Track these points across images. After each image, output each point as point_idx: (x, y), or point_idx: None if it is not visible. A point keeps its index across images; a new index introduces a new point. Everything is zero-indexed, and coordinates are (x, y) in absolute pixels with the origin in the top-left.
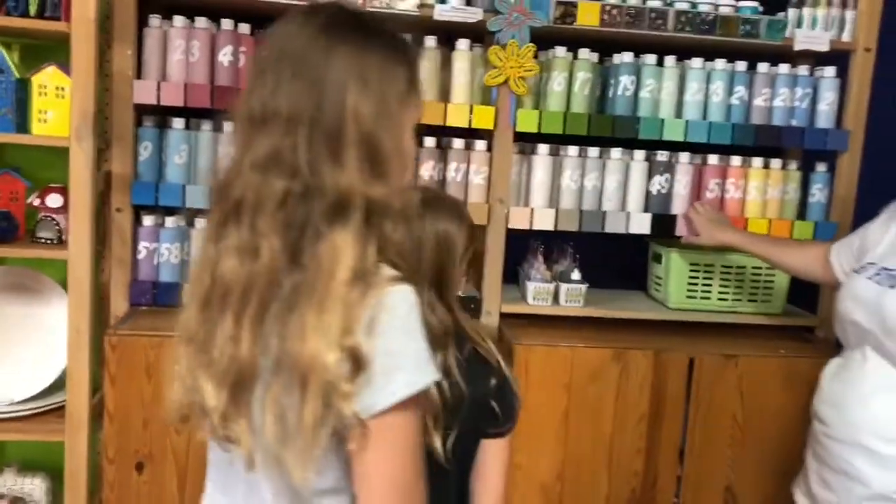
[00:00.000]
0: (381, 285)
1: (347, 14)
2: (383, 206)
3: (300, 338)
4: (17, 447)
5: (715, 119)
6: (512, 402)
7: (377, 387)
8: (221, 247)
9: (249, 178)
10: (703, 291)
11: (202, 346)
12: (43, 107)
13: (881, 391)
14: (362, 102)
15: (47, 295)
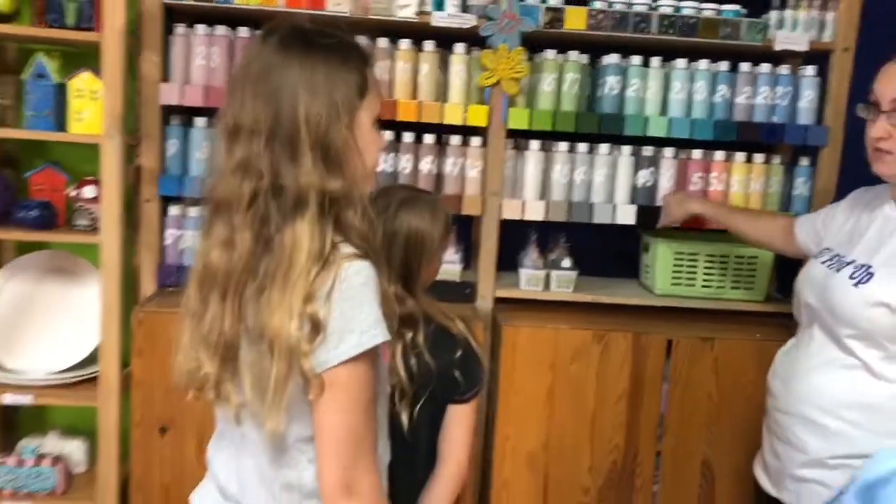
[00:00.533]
0: (339, 261)
1: (297, 32)
2: (341, 197)
3: (268, 312)
4: (60, 413)
5: (698, 116)
6: (475, 372)
7: (331, 346)
8: (209, 239)
9: (227, 182)
10: (687, 279)
11: (199, 322)
12: (79, 108)
13: (822, 366)
14: (312, 109)
15: (84, 276)
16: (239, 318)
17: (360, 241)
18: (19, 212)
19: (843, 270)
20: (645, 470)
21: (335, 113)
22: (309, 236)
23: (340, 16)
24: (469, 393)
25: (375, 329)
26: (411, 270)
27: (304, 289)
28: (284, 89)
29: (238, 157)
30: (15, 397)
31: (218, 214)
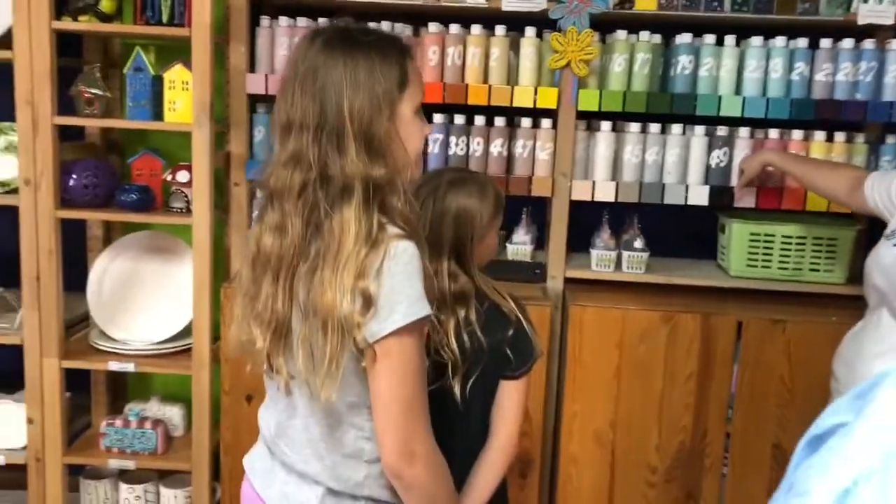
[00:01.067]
0: (387, 240)
1: (340, 32)
2: (385, 183)
3: (321, 290)
4: (162, 380)
5: (774, 95)
6: (525, 350)
7: (381, 318)
8: (263, 225)
9: (280, 173)
10: (763, 260)
11: (252, 300)
12: (172, 98)
13: (889, 352)
14: (356, 103)
15: (181, 255)
16: (291, 298)
17: (404, 224)
18: (121, 195)
19: None
20: (714, 451)
21: (377, 106)
22: (356, 220)
23: (414, 4)
24: (520, 370)
25: (421, 302)
26: (463, 248)
27: (354, 267)
28: (329, 86)
29: (289, 150)
30: (119, 364)
31: (271, 202)
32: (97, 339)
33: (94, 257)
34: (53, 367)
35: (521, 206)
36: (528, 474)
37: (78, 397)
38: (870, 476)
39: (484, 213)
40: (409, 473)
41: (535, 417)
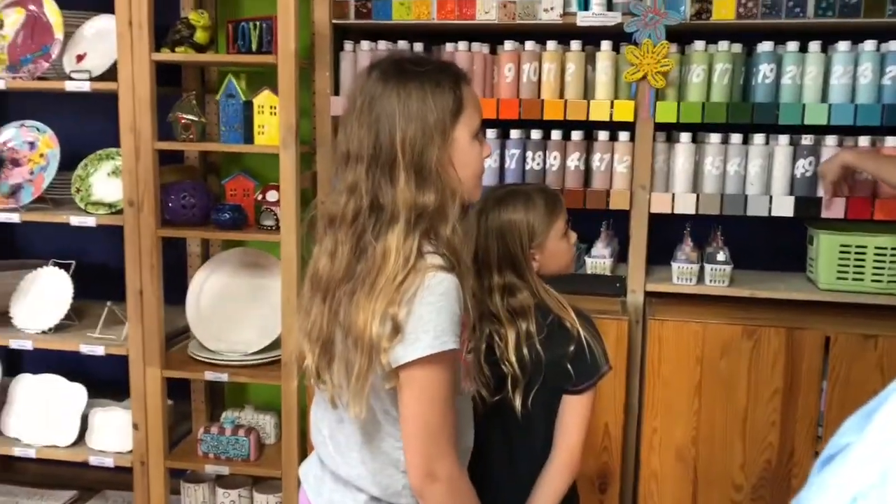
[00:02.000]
0: (425, 270)
1: (395, 64)
2: (433, 211)
3: (356, 312)
4: (256, 390)
5: (864, 101)
6: (587, 365)
7: (406, 343)
8: (320, 248)
9: (336, 202)
10: (855, 273)
11: (305, 316)
12: (261, 122)
13: None
14: (408, 134)
15: (273, 270)
16: (335, 317)
17: (450, 253)
18: (215, 214)
19: None
20: (802, 470)
21: (429, 135)
22: (397, 248)
23: (490, 23)
24: (581, 385)
25: (447, 336)
26: (517, 259)
27: (389, 293)
28: (383, 118)
29: (347, 181)
30: (214, 374)
31: (328, 228)
32: (195, 350)
33: (193, 273)
34: (155, 377)
35: (601, 219)
36: (607, 489)
37: (180, 405)
38: (868, 493)
39: (533, 222)
40: (430, 493)
41: (614, 432)
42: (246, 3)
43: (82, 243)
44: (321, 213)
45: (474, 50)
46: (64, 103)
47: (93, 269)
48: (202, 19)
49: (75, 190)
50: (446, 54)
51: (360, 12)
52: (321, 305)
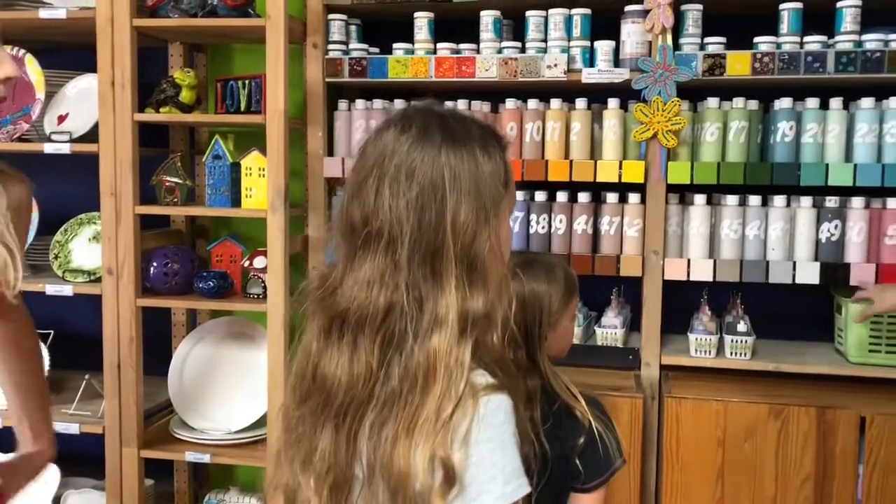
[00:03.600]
0: (476, 394)
1: (435, 119)
2: (482, 316)
3: (392, 452)
4: (243, 471)
5: (891, 161)
6: (598, 461)
7: (469, 498)
8: (325, 351)
9: (354, 293)
10: (888, 345)
11: (298, 440)
12: (249, 185)
13: None
14: (460, 215)
15: (260, 340)
16: (353, 448)
17: (496, 364)
18: (199, 282)
19: None
20: None
21: (483, 217)
22: (444, 366)
23: (492, 81)
24: (592, 482)
25: (520, 479)
26: (532, 337)
27: (436, 428)
28: (428, 190)
29: (369, 266)
30: (195, 455)
31: (337, 325)
32: (177, 427)
33: (178, 342)
34: (132, 457)
35: (611, 286)
36: None
37: (162, 484)
38: None
39: (554, 296)
40: None
41: None
42: (237, 61)
43: (62, 311)
44: (322, 303)
45: (475, 108)
46: (45, 165)
47: (73, 338)
48: (188, 78)
49: (53, 256)
50: None
51: (354, 70)
52: (333, 431)
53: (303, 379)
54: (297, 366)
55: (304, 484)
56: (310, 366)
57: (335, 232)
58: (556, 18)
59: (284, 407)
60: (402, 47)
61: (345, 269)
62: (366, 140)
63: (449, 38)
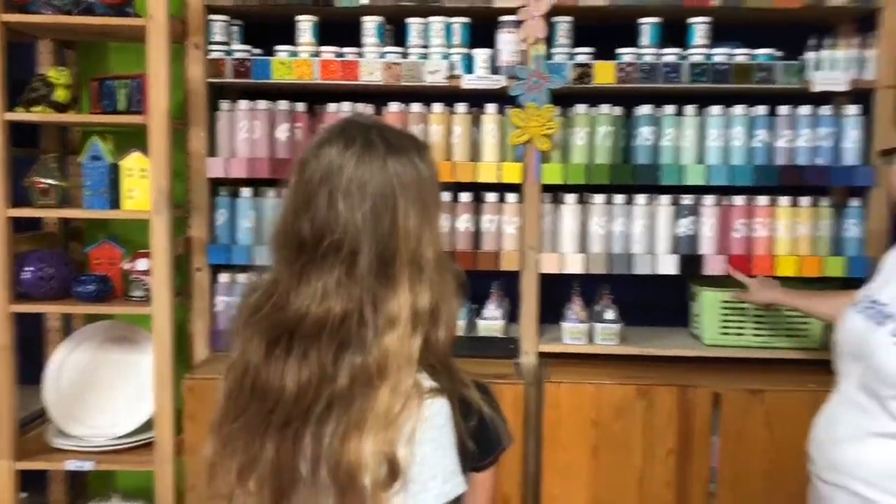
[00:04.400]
0: (421, 396)
1: (376, 132)
2: (428, 314)
3: (342, 445)
4: (123, 477)
5: (737, 162)
6: (489, 441)
7: (411, 494)
8: (268, 364)
9: (306, 305)
10: (737, 328)
11: (234, 452)
12: (130, 186)
13: (864, 433)
14: (409, 215)
15: (143, 344)
16: (299, 450)
17: (438, 361)
18: (77, 286)
19: (886, 326)
20: None
21: (427, 220)
22: (396, 361)
23: (375, 84)
24: (484, 461)
25: (457, 478)
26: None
27: (384, 425)
28: (381, 200)
29: (326, 276)
30: (77, 463)
31: (285, 337)
32: (54, 435)
33: (51, 350)
34: (7, 470)
35: (491, 280)
36: None
37: (35, 496)
38: None
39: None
40: None
41: (514, 502)
42: (111, 60)
43: None
44: (267, 319)
45: (359, 111)
46: None
47: None
48: (62, 77)
49: None
50: (329, 115)
51: (237, 71)
52: (278, 434)
53: (239, 393)
54: (230, 382)
55: (242, 492)
56: (247, 379)
57: (276, 248)
58: (436, 26)
59: (216, 423)
60: (285, 49)
61: (291, 284)
62: (303, 158)
63: (331, 42)
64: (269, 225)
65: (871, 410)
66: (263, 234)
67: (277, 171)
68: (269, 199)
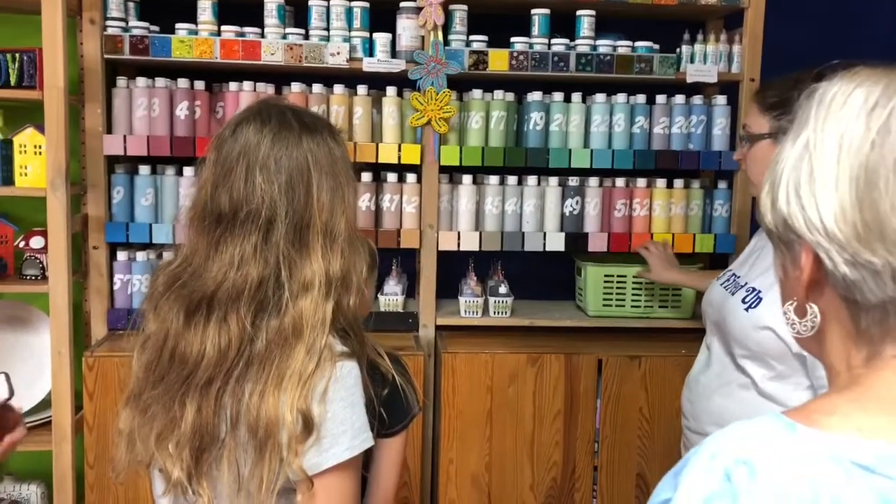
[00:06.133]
0: (333, 358)
1: (291, 113)
2: (340, 280)
3: (262, 403)
4: (16, 459)
5: (619, 147)
6: (400, 408)
7: (323, 448)
8: (187, 332)
9: (222, 273)
10: (617, 300)
11: (152, 419)
12: (24, 162)
13: (723, 387)
14: (323, 191)
15: (37, 324)
16: (219, 410)
17: (350, 326)
18: None
19: (738, 294)
20: (583, 485)
21: (340, 194)
22: (310, 323)
23: (277, 64)
24: (394, 428)
25: (366, 433)
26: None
27: (300, 382)
28: (296, 174)
29: (240, 245)
30: None
31: (205, 305)
32: None
33: None
34: None
35: (391, 257)
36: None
37: None
38: None
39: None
40: None
41: (413, 466)
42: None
43: None
44: (181, 285)
45: (259, 90)
46: None
47: None
48: None
49: None
50: (230, 94)
51: (136, 48)
52: (199, 398)
53: (158, 362)
54: (149, 353)
55: (161, 456)
56: (167, 347)
57: (192, 221)
58: (337, 9)
59: (134, 394)
60: (185, 27)
61: (208, 254)
62: (219, 136)
63: (232, 22)
64: (169, 202)
65: (729, 367)
66: (162, 212)
67: (177, 149)
68: (168, 176)
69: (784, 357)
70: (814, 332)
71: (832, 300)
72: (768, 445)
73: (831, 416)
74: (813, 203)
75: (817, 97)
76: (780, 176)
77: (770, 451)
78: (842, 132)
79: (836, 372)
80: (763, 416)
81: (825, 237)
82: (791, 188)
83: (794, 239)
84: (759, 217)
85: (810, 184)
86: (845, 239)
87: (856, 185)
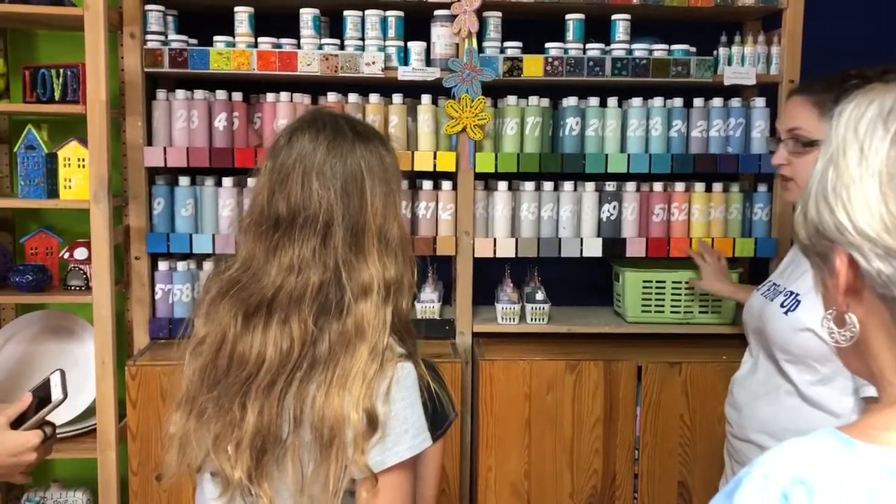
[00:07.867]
0: (394, 359)
1: (343, 121)
2: (395, 285)
3: (326, 402)
4: (62, 465)
5: (656, 151)
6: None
7: (387, 446)
8: (245, 335)
9: (282, 277)
10: (656, 305)
11: (208, 422)
12: (68, 175)
13: (768, 394)
14: (377, 197)
15: (81, 333)
16: (281, 411)
17: (404, 329)
18: (14, 276)
19: (776, 299)
20: (624, 493)
21: (392, 200)
22: (372, 325)
23: (314, 75)
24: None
25: (425, 433)
26: None
27: (362, 383)
28: (351, 180)
29: (298, 250)
30: None
31: (265, 309)
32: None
33: None
34: None
35: (426, 264)
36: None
37: None
38: None
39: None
40: None
41: (451, 474)
42: (41, 49)
43: None
44: (240, 289)
45: (296, 100)
46: None
47: None
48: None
49: None
50: (267, 105)
51: (175, 61)
52: (261, 400)
53: (214, 365)
54: (205, 357)
55: (219, 458)
56: (224, 351)
57: (249, 227)
58: (372, 19)
59: (188, 398)
60: (223, 40)
61: (266, 258)
62: (275, 145)
63: (268, 33)
64: (208, 212)
65: (773, 374)
66: (201, 222)
67: (216, 159)
68: (207, 187)
69: (826, 359)
70: (855, 344)
71: (872, 305)
72: (827, 463)
73: (890, 431)
74: (840, 204)
75: (836, 116)
76: (809, 190)
77: (829, 470)
78: (861, 139)
79: (887, 382)
80: (818, 433)
81: (855, 235)
82: (819, 197)
83: (827, 246)
84: (795, 235)
85: (836, 188)
86: (874, 233)
87: (878, 180)
